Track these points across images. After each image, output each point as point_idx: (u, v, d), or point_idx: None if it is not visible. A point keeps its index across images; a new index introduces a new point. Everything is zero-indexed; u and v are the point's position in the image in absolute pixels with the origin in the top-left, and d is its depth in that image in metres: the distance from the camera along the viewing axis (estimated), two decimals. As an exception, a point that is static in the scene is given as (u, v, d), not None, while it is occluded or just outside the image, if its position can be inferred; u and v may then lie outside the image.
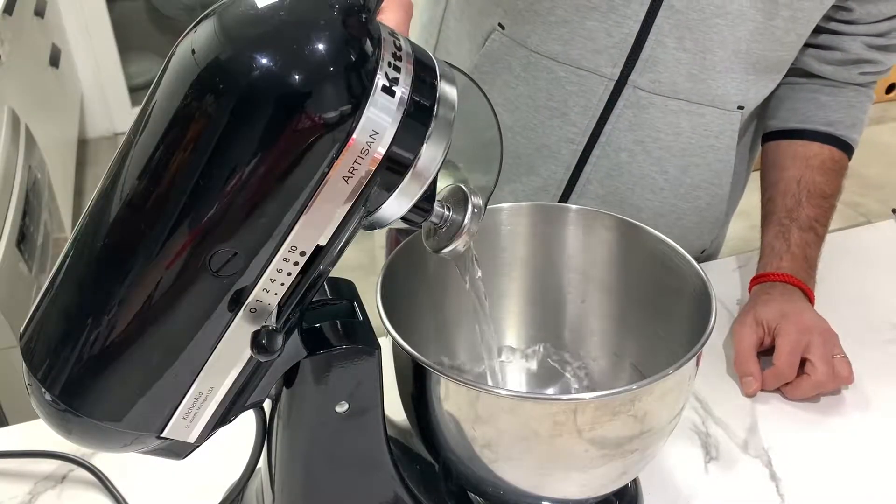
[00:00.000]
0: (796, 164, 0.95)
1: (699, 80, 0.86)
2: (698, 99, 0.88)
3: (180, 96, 0.42)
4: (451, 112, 0.46)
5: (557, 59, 0.86)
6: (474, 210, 0.54)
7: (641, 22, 0.83)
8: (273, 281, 0.46)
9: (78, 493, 0.73)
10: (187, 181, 0.42)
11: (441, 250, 0.55)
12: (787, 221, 0.92)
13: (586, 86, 0.87)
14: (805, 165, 0.95)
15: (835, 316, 0.84)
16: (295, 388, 0.53)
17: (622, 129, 0.89)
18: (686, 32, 0.83)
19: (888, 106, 3.41)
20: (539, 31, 0.86)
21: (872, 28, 0.91)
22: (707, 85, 0.87)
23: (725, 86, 0.87)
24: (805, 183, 0.94)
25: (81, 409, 0.47)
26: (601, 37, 0.84)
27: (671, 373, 0.55)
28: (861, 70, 0.95)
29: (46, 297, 0.48)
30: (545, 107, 0.89)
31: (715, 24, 0.82)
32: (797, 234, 0.91)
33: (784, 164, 0.96)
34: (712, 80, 0.86)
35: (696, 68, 0.85)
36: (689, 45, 0.84)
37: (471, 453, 0.59)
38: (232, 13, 0.43)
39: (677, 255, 0.67)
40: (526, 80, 0.89)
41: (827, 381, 0.80)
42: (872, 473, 0.75)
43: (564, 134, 0.90)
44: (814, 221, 0.92)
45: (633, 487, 0.71)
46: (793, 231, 0.91)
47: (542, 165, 0.93)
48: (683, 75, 0.86)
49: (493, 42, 0.90)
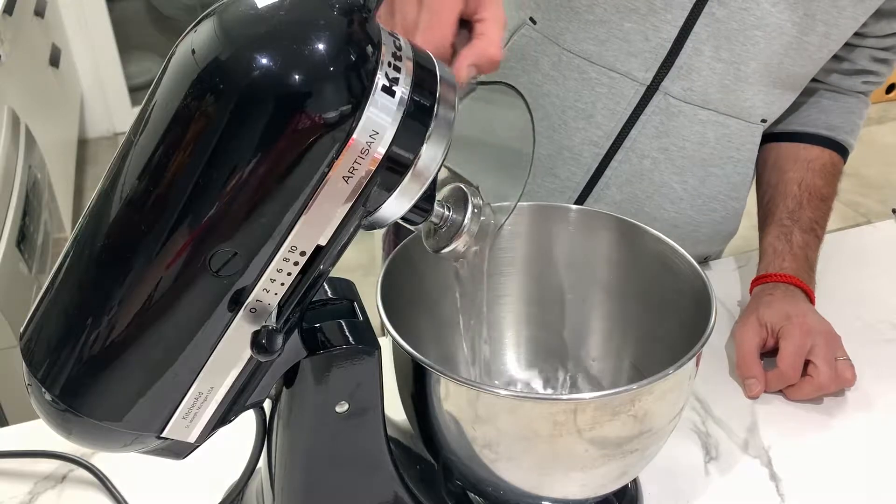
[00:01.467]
0: (798, 167, 0.95)
1: (730, 91, 0.85)
2: (726, 110, 0.87)
3: (180, 96, 0.42)
4: (452, 112, 0.46)
5: (591, 59, 0.85)
6: (474, 210, 0.54)
7: (680, 28, 0.82)
8: (273, 281, 0.46)
9: (78, 493, 0.73)
10: (187, 181, 0.42)
11: (441, 250, 0.55)
12: (788, 223, 0.92)
13: (617, 89, 0.86)
14: (806, 168, 0.95)
15: (835, 316, 0.84)
16: (295, 388, 0.53)
17: (648, 136, 0.88)
18: (724, 42, 0.82)
19: (888, 106, 3.40)
20: (574, 29, 0.85)
21: (880, 42, 0.91)
22: (737, 96, 0.86)
23: (753, 98, 0.87)
24: (806, 185, 0.94)
25: (81, 409, 0.47)
26: (638, 40, 0.83)
27: (671, 373, 0.55)
28: (864, 80, 0.96)
29: (46, 297, 0.48)
30: (572, 108, 0.88)
31: (753, 36, 0.82)
32: (799, 236, 0.91)
33: (785, 166, 0.96)
34: (742, 91, 0.86)
35: (729, 79, 0.84)
36: (724, 54, 0.83)
37: (471, 453, 0.59)
38: (232, 13, 0.43)
39: (677, 255, 0.67)
40: (554, 78, 0.88)
41: (829, 383, 0.80)
42: (872, 473, 0.75)
43: (589, 136, 0.89)
44: (814, 223, 0.92)
45: (633, 487, 0.71)
46: (795, 232, 0.91)
47: (561, 167, 0.91)
48: (716, 85, 0.85)
49: (523, 37, 0.88)
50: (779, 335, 0.83)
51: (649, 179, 0.91)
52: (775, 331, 0.83)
